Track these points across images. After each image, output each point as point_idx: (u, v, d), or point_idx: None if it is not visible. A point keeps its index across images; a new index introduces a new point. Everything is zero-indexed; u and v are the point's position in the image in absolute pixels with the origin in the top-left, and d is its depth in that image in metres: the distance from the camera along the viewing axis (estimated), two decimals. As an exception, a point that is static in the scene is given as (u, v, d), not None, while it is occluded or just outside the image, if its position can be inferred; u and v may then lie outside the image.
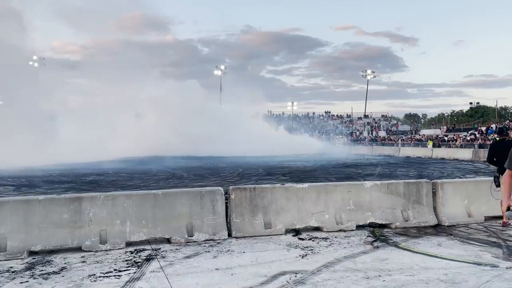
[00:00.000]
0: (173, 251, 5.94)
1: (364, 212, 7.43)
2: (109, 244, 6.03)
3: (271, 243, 6.41)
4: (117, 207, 6.21)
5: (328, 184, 7.73)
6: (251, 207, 6.95)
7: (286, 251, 5.93)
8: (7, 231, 5.67)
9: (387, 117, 75.89)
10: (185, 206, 6.59)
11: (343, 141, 60.29)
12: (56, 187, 14.11)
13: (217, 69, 73.24)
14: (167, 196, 6.59)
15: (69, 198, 6.16)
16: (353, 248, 6.11)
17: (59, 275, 4.96)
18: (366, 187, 7.59)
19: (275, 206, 7.05)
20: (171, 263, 5.41)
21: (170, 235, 6.39)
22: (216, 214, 6.73)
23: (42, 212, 5.88)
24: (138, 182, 15.76)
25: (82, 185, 14.78)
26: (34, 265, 5.34)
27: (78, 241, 5.93)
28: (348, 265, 5.26)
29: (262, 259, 5.53)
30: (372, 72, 77.96)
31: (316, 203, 7.24)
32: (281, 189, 7.26)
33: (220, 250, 6.02)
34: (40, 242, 5.78)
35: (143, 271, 5.09)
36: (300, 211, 7.15)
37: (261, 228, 6.86)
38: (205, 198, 6.74)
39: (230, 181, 15.75)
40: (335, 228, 7.13)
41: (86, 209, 6.05)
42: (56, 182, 15.60)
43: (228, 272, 5.04)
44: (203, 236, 6.52)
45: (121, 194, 6.46)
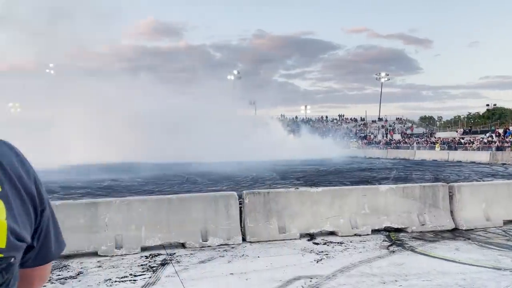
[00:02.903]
0: (187, 256, 5.96)
1: (380, 216, 7.35)
2: (125, 249, 6.08)
3: (286, 247, 6.38)
4: (132, 212, 6.26)
5: (343, 188, 7.68)
6: (265, 211, 6.93)
7: (301, 256, 5.90)
8: (25, 236, 5.75)
9: (402, 120, 75.13)
10: (199, 211, 6.61)
11: (357, 145, 59.86)
12: (72, 192, 14.29)
13: (230, 73, 73.56)
14: (181, 201, 6.62)
15: (85, 204, 6.24)
16: (368, 252, 6.04)
17: (76, 280, 5.02)
18: (382, 191, 7.52)
19: (289, 211, 7.02)
20: (186, 267, 5.43)
21: (185, 239, 6.41)
22: (230, 218, 6.74)
23: (59, 217, 5.91)
24: (152, 187, 15.87)
25: (97, 190, 14.94)
26: (51, 270, 5.40)
27: (94, 246, 5.99)
28: (363, 269, 5.20)
29: (277, 264, 5.51)
30: (386, 74, 77.44)
31: (331, 207, 7.19)
32: (295, 193, 7.23)
33: (235, 254, 6.02)
34: (57, 247, 5.84)
35: (158, 275, 5.11)
36: (315, 215, 7.10)
37: (276, 233, 6.84)
38: (219, 202, 6.75)
39: (244, 186, 15.75)
40: (350, 232, 7.06)
41: (102, 214, 6.12)
42: (73, 188, 15.81)
43: (243, 277, 5.03)
44: (217, 240, 6.53)
45: (136, 199, 6.52)
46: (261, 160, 31.70)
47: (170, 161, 28.66)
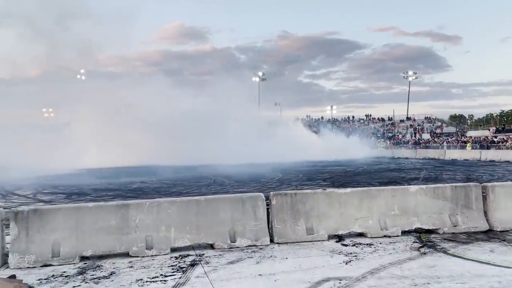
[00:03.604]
0: (216, 257, 6.02)
1: (410, 217, 7.22)
2: (155, 250, 6.19)
3: (314, 249, 6.35)
4: (162, 213, 6.37)
5: (371, 189, 7.57)
6: (293, 212, 6.92)
7: (330, 257, 5.86)
8: (60, 237, 5.95)
9: (431, 119, 73.35)
10: (227, 212, 6.66)
11: (385, 145, 58.85)
12: (103, 194, 14.65)
13: (255, 75, 73.72)
14: (209, 202, 6.69)
15: (116, 205, 6.39)
16: (399, 254, 5.94)
17: (109, 280, 5.15)
18: (411, 192, 7.38)
19: (317, 212, 6.99)
20: (215, 268, 5.48)
21: (213, 240, 6.48)
22: (257, 220, 6.76)
23: (92, 219, 6.14)
24: (181, 188, 16.10)
25: (127, 192, 15.27)
26: (85, 270, 5.57)
27: (126, 246, 6.13)
28: (394, 271, 5.12)
29: (305, 265, 5.49)
30: (414, 73, 75.81)
31: (359, 208, 7.11)
32: (323, 194, 7.19)
33: (263, 256, 6.04)
34: (90, 247, 6.02)
35: (188, 276, 5.19)
36: (343, 216, 7.04)
37: (303, 234, 6.82)
38: (246, 204, 6.79)
39: (270, 187, 15.76)
40: (380, 233, 6.97)
41: (132, 215, 6.25)
42: (104, 190, 16.21)
43: (271, 278, 5.04)
44: (245, 242, 6.56)
45: (165, 201, 6.62)
46: (286, 161, 31.63)
47: (194, 164, 28.89)
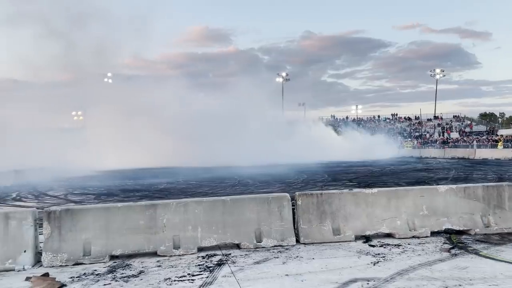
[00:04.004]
0: (242, 257, 6.05)
1: (439, 217, 7.06)
2: (182, 249, 6.27)
3: (341, 249, 6.30)
4: (189, 213, 6.44)
5: (399, 189, 7.45)
6: (319, 213, 6.88)
7: (357, 258, 5.80)
8: (91, 236, 6.10)
9: (460, 117, 71.52)
10: (253, 212, 6.68)
11: (412, 144, 57.73)
12: (131, 195, 14.94)
13: (279, 76, 73.66)
14: (235, 202, 6.73)
15: (145, 205, 6.50)
16: (428, 255, 5.82)
17: (138, 278, 5.25)
18: (441, 191, 7.21)
19: (343, 212, 6.92)
20: (241, 268, 5.51)
21: (239, 240, 6.51)
22: (283, 220, 6.75)
23: (121, 219, 6.27)
24: (206, 189, 16.23)
25: (154, 193, 15.51)
26: (115, 269, 5.69)
27: (154, 246, 6.23)
28: (424, 273, 5.02)
29: (332, 266, 5.45)
30: (441, 71, 74.12)
31: (387, 208, 7.01)
32: (349, 194, 7.12)
33: (289, 256, 6.02)
34: (119, 247, 6.15)
35: (215, 275, 5.23)
36: (370, 217, 6.95)
37: (330, 235, 6.77)
38: (272, 204, 6.79)
39: (296, 188, 15.71)
40: (408, 234, 6.84)
41: (160, 215, 6.35)
42: (131, 191, 16.52)
43: (298, 278, 5.03)
44: (271, 242, 6.56)
45: (192, 201, 6.70)
46: (310, 162, 31.46)
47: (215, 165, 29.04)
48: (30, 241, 5.96)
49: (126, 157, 32.91)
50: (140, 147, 34.95)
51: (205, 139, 35.63)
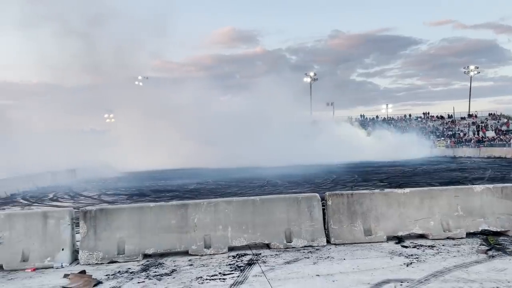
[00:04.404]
0: (273, 257, 6.05)
1: (475, 218, 6.85)
2: (213, 249, 6.34)
3: (372, 250, 6.21)
4: (219, 213, 6.51)
5: (433, 189, 7.27)
6: (349, 213, 6.80)
7: (389, 259, 5.70)
8: (124, 235, 6.26)
9: (496, 115, 69.00)
10: (282, 212, 6.68)
11: (445, 144, 56.17)
12: (162, 195, 15.21)
13: (306, 76, 73.22)
14: (265, 202, 6.74)
15: (176, 205, 6.61)
16: (464, 257, 5.66)
17: (171, 277, 5.34)
18: (476, 191, 7.00)
19: (375, 212, 6.82)
20: (272, 268, 5.52)
21: (269, 240, 6.52)
22: (313, 220, 6.72)
23: (153, 218, 6.39)
24: (235, 189, 16.33)
25: (185, 193, 15.74)
26: (148, 267, 5.81)
27: (185, 245, 6.33)
28: (459, 275, 4.89)
29: (364, 267, 5.38)
30: (476, 67, 71.71)
31: (420, 209, 6.86)
32: (381, 194, 7.01)
33: (320, 256, 5.99)
34: (152, 245, 6.27)
35: (246, 275, 5.26)
36: (402, 217, 6.82)
37: (361, 235, 6.68)
38: (302, 204, 6.76)
39: (325, 188, 15.58)
40: (442, 235, 6.67)
41: (191, 215, 6.44)
42: (162, 191, 16.82)
43: (329, 278, 5.00)
44: (301, 242, 6.54)
45: (222, 201, 6.76)
46: (339, 162, 31.12)
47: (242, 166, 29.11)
48: (67, 240, 6.17)
49: (152, 158, 33.55)
50: (165, 148, 35.54)
51: (230, 140, 35.82)
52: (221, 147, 35.04)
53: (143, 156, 34.15)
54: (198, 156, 33.38)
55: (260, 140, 35.61)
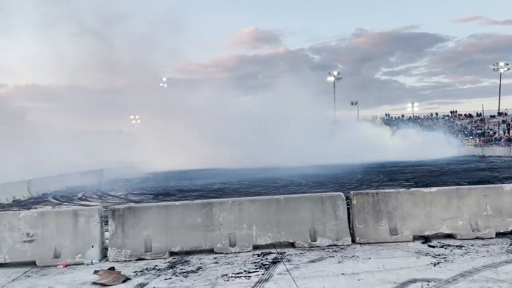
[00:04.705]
0: (297, 255, 6.07)
1: (505, 218, 6.68)
2: (238, 247, 6.40)
3: (398, 250, 6.14)
4: (243, 212, 6.57)
5: (461, 188, 7.12)
6: (375, 212, 6.75)
7: (416, 258, 5.63)
8: (151, 233, 6.40)
9: (527, 113, 66.76)
10: (307, 211, 6.69)
11: (474, 143, 54.75)
12: (187, 194, 15.42)
13: (330, 75, 72.67)
14: (289, 201, 6.76)
15: (201, 204, 6.70)
16: (493, 257, 5.54)
17: (196, 274, 5.43)
18: (506, 191, 6.83)
19: (401, 212, 6.74)
20: (296, 266, 5.54)
21: (294, 239, 6.53)
22: (338, 219, 6.69)
23: (179, 217, 6.51)
24: (259, 189, 16.39)
25: (209, 193, 15.90)
26: (175, 264, 5.92)
27: (210, 243, 6.42)
28: (488, 275, 4.79)
29: (390, 266, 5.34)
30: (505, 64, 69.55)
31: (447, 208, 6.74)
32: (407, 194, 6.92)
33: (344, 255, 5.97)
34: (178, 243, 6.39)
35: (270, 273, 5.30)
36: (429, 217, 6.72)
37: (386, 235, 6.62)
38: (326, 203, 6.75)
39: (350, 188, 15.46)
40: (471, 235, 6.54)
41: (216, 213, 6.53)
42: (187, 191, 17.04)
43: (354, 277, 4.98)
44: (326, 241, 6.53)
45: (247, 200, 6.82)
46: (364, 161, 30.78)
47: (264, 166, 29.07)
48: (97, 237, 6.35)
49: (174, 159, 33.96)
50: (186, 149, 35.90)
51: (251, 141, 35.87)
52: (242, 148, 35.14)
53: (166, 156, 34.64)
54: (220, 157, 33.59)
55: (281, 140, 35.55)
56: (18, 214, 6.39)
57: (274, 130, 37.57)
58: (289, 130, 37.55)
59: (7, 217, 6.34)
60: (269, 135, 36.77)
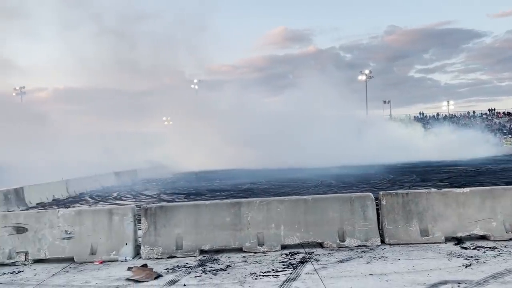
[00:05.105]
0: (325, 255, 6.09)
1: (543, 219, 6.46)
2: (266, 246, 6.48)
3: (429, 251, 6.06)
4: (271, 211, 6.64)
5: (495, 188, 6.94)
6: (405, 213, 6.67)
7: (447, 260, 5.54)
8: (182, 231, 6.57)
9: None
10: (335, 212, 6.69)
11: (514, 141, 52.59)
12: (217, 194, 15.62)
13: (361, 74, 71.64)
14: (317, 201, 6.78)
15: (230, 203, 6.83)
16: (529, 259, 5.37)
17: (225, 272, 5.55)
18: (544, 191, 6.59)
19: (432, 213, 6.64)
20: (324, 266, 5.56)
21: (322, 239, 6.55)
22: (367, 220, 6.66)
23: (209, 216, 6.66)
24: (289, 189, 16.40)
25: (239, 193, 16.05)
26: (204, 262, 6.07)
27: (239, 242, 6.53)
28: (522, 277, 4.66)
29: (420, 267, 5.28)
30: (547, 59, 66.42)
31: (481, 209, 6.58)
32: (438, 194, 6.81)
33: (373, 256, 5.94)
34: (208, 242, 6.54)
35: (298, 272, 5.35)
36: (461, 218, 6.58)
37: (417, 236, 6.53)
38: (355, 203, 6.73)
39: (381, 188, 15.22)
40: (505, 236, 6.36)
41: (244, 213, 6.63)
42: (217, 190, 17.27)
43: (383, 278, 4.96)
44: (354, 241, 6.51)
45: (275, 199, 6.89)
46: (396, 161, 30.19)
47: (299, 167, 28.93)
48: (130, 235, 6.58)
49: (201, 159, 34.39)
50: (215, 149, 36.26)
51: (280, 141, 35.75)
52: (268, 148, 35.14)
53: (195, 157, 35.14)
54: (246, 157, 33.72)
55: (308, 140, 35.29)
56: (57, 212, 6.72)
57: (300, 130, 37.34)
58: (316, 130, 37.24)
59: (47, 215, 6.68)
60: (296, 135, 36.58)
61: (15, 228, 6.57)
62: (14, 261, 6.44)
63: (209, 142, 37.46)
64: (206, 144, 37.35)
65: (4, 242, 6.52)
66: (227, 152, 35.83)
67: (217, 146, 36.86)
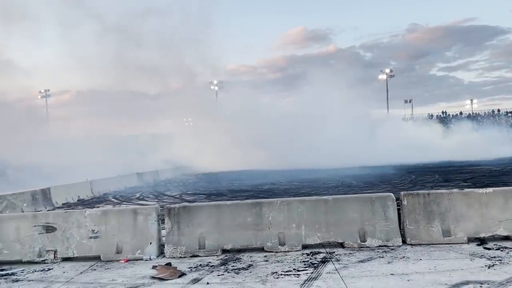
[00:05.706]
0: (346, 255, 6.13)
1: None
2: (287, 246, 6.56)
3: (452, 251, 6.03)
4: (292, 211, 6.72)
5: (519, 188, 6.84)
6: (426, 213, 6.65)
7: (469, 260, 5.51)
8: (205, 231, 6.71)
9: None
10: (356, 212, 6.71)
11: (541, 140, 51.07)
12: (238, 195, 15.76)
13: (382, 73, 70.82)
14: (337, 201, 6.82)
15: (251, 203, 6.94)
16: (554, 261, 5.30)
17: (247, 271, 5.66)
18: None
19: (454, 213, 6.60)
20: (345, 266, 5.60)
21: (343, 239, 6.59)
22: (388, 220, 6.66)
23: (230, 216, 6.78)
24: (309, 190, 16.42)
25: (259, 193, 16.16)
26: (227, 261, 6.19)
27: (261, 242, 6.62)
28: (547, 279, 4.61)
29: (441, 267, 5.27)
30: None
31: (504, 209, 6.51)
32: (460, 194, 6.76)
33: (394, 256, 5.95)
34: (230, 241, 6.65)
35: (319, 272, 5.41)
36: (484, 218, 6.52)
37: (439, 236, 6.51)
38: (375, 204, 6.74)
39: (402, 188, 15.08)
40: (530, 238, 6.27)
41: (265, 213, 6.73)
42: (238, 191, 17.41)
43: (404, 278, 4.98)
44: (375, 242, 6.53)
45: (295, 200, 6.96)
46: (418, 162, 29.77)
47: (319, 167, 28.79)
48: (154, 234, 6.76)
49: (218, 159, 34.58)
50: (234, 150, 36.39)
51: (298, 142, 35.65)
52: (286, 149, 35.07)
53: (215, 158, 35.38)
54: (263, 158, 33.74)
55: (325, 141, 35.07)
56: (84, 212, 6.95)
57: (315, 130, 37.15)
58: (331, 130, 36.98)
59: (75, 215, 6.92)
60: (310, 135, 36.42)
61: (44, 227, 6.83)
62: (44, 259, 6.69)
63: (223, 143, 37.67)
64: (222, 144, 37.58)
65: (35, 240, 6.79)
66: (244, 153, 35.93)
67: (231, 147, 37.04)
